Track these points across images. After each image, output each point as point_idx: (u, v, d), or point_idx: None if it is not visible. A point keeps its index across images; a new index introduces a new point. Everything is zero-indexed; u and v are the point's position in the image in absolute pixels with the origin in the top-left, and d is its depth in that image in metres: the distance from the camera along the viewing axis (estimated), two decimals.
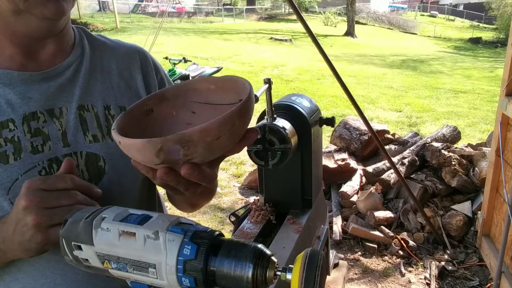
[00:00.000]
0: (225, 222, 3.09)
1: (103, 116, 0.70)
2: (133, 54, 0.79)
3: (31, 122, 0.62)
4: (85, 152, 0.67)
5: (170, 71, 6.19)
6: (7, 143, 0.60)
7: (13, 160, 0.61)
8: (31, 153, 0.62)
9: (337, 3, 34.33)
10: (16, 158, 0.61)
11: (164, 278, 0.44)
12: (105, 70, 0.73)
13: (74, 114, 0.67)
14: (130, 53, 0.79)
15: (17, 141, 0.61)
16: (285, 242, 0.89)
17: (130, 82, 0.76)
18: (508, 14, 23.08)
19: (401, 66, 12.46)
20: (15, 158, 0.61)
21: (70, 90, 0.67)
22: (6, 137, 0.61)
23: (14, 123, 0.61)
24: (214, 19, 26.66)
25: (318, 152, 1.07)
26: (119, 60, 0.76)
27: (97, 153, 0.68)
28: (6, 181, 0.60)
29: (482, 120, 6.14)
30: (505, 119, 2.15)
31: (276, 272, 0.45)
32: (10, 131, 0.61)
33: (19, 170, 0.61)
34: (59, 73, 0.67)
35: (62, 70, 0.67)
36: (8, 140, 0.61)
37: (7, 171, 0.60)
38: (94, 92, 0.70)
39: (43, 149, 0.63)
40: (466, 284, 2.37)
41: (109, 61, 0.75)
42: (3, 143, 0.60)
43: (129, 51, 0.79)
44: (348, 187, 3.05)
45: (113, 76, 0.74)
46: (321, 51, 2.32)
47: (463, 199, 2.89)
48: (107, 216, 0.47)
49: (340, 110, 6.39)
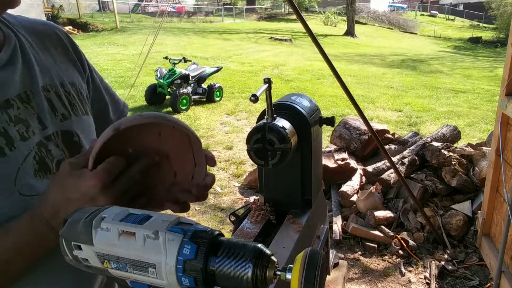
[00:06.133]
0: (225, 222, 3.09)
1: (63, 94, 0.71)
2: (52, 31, 0.78)
3: (9, 111, 0.61)
4: (60, 131, 0.68)
5: (170, 70, 6.20)
6: None
7: (9, 151, 0.59)
8: (21, 141, 0.61)
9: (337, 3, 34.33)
10: (11, 148, 0.60)
11: (164, 278, 0.44)
12: (44, 50, 0.73)
13: (40, 96, 0.66)
14: (50, 30, 0.78)
15: (4, 131, 0.59)
16: (285, 242, 0.89)
17: (66, 57, 0.77)
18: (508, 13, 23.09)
19: (401, 65, 12.46)
20: (10, 149, 0.59)
21: (27, 74, 0.66)
22: None
23: None
24: (214, 19, 26.66)
25: (318, 152, 1.07)
26: (46, 38, 0.75)
27: (69, 130, 0.70)
28: (9, 174, 0.59)
29: (482, 119, 6.14)
30: (505, 119, 2.15)
31: (276, 271, 0.45)
32: None
33: (18, 159, 0.60)
34: (8, 60, 0.64)
35: (7, 57, 0.64)
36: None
37: (8, 163, 0.59)
38: (47, 72, 0.70)
39: (29, 135, 0.63)
40: (466, 284, 2.37)
41: (41, 41, 0.74)
42: None
43: (48, 29, 0.78)
44: (348, 186, 3.05)
45: (52, 54, 0.74)
46: (321, 51, 2.32)
47: (463, 199, 2.89)
48: (107, 216, 0.47)
49: (340, 110, 6.40)
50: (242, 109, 6.46)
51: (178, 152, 0.63)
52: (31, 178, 0.61)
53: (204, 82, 6.80)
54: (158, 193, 0.65)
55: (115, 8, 18.05)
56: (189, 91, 6.24)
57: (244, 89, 7.76)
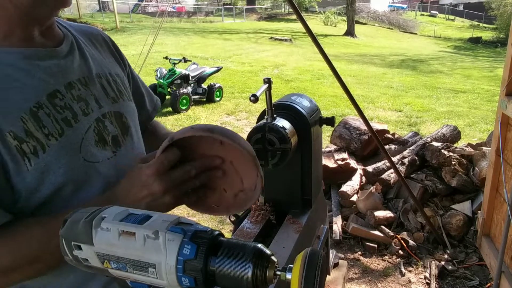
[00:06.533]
0: (225, 222, 3.09)
1: (111, 81, 0.82)
2: (98, 33, 0.91)
3: (72, 91, 0.72)
4: (112, 111, 0.79)
5: (170, 70, 6.20)
6: (63, 110, 0.69)
7: (75, 123, 0.70)
8: (83, 115, 0.72)
9: (337, 3, 34.33)
10: (76, 121, 0.71)
11: (164, 278, 0.44)
12: (92, 46, 0.85)
13: (94, 81, 0.78)
14: (95, 31, 0.91)
15: (70, 107, 0.70)
16: (285, 242, 0.89)
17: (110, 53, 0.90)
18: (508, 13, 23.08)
19: (401, 65, 12.46)
20: (75, 121, 0.70)
21: (83, 63, 0.78)
22: (60, 105, 0.69)
23: (60, 92, 0.70)
24: (214, 19, 26.65)
25: (318, 152, 1.07)
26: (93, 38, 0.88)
27: (119, 111, 0.81)
28: (75, 142, 0.70)
29: (482, 119, 6.14)
30: (505, 119, 2.15)
31: (276, 271, 0.45)
32: (60, 100, 0.70)
33: (82, 130, 0.71)
34: (68, 52, 0.76)
35: (68, 49, 0.76)
36: (63, 107, 0.70)
37: (74, 133, 0.70)
38: (98, 63, 0.82)
39: (89, 112, 0.74)
40: (466, 284, 2.37)
41: (89, 39, 0.86)
42: (60, 110, 0.69)
43: (94, 31, 0.91)
44: (348, 186, 3.05)
45: (99, 50, 0.86)
46: (321, 51, 2.32)
47: (463, 199, 2.89)
48: (107, 216, 0.47)
49: (340, 110, 6.39)
50: (242, 109, 6.46)
51: (241, 160, 0.68)
52: (93, 147, 0.72)
53: (204, 82, 6.80)
54: (226, 198, 0.72)
55: (115, 8, 18.03)
56: (189, 91, 6.23)
57: (244, 89, 7.76)
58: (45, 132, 0.66)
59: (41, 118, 0.66)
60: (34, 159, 0.64)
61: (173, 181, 0.65)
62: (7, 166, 0.62)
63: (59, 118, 0.68)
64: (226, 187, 0.71)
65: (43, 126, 0.66)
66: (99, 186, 0.72)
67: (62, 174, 0.67)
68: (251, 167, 0.67)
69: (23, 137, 0.63)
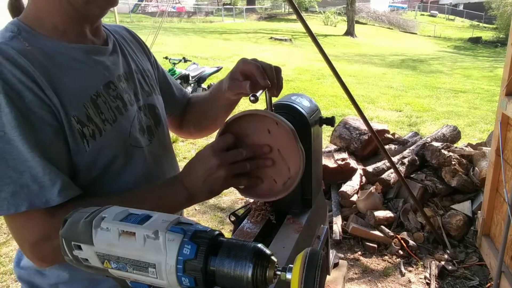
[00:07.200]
0: (225, 222, 3.09)
1: (145, 76, 0.91)
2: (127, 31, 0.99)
3: (120, 83, 0.81)
4: (147, 104, 0.88)
5: (170, 70, 6.19)
6: (116, 99, 0.78)
7: (125, 111, 0.80)
8: (130, 105, 0.82)
9: (337, 3, 34.34)
10: (126, 110, 0.80)
11: (164, 278, 0.44)
12: (126, 44, 0.93)
13: (133, 76, 0.87)
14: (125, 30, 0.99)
15: (121, 97, 0.80)
16: (285, 242, 0.89)
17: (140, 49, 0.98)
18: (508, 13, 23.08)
19: (401, 65, 12.46)
20: (125, 110, 0.80)
21: (124, 60, 0.87)
22: (113, 95, 0.78)
23: (113, 83, 0.79)
24: (214, 19, 26.66)
25: (318, 152, 1.07)
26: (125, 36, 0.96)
27: (152, 104, 0.90)
28: (126, 128, 0.79)
29: (482, 119, 6.14)
30: (505, 119, 2.15)
31: (276, 271, 0.45)
32: (113, 90, 0.79)
33: (130, 118, 0.80)
34: (112, 49, 0.85)
35: (112, 47, 0.85)
36: (115, 97, 0.79)
37: (125, 120, 0.79)
38: (134, 60, 0.91)
39: (132, 103, 0.83)
40: (466, 284, 2.37)
41: (123, 38, 0.94)
42: (114, 100, 0.78)
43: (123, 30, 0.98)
44: (348, 186, 3.05)
45: (132, 48, 0.94)
46: (321, 51, 2.32)
47: (463, 199, 2.89)
48: (107, 216, 0.47)
49: (340, 110, 6.39)
50: (242, 109, 6.44)
51: (287, 146, 0.74)
52: (138, 133, 0.82)
53: (204, 82, 6.79)
54: (277, 187, 0.77)
55: (115, 7, 18.04)
56: (189, 91, 6.23)
57: None
58: (102, 118, 0.74)
59: (99, 105, 0.75)
60: (92, 141, 0.72)
61: (227, 158, 0.71)
62: (69, 146, 0.70)
63: (113, 106, 0.77)
64: (276, 177, 0.77)
65: (101, 113, 0.75)
66: (140, 169, 0.81)
67: (112, 156, 0.75)
68: (295, 152, 0.73)
69: (85, 122, 0.71)
